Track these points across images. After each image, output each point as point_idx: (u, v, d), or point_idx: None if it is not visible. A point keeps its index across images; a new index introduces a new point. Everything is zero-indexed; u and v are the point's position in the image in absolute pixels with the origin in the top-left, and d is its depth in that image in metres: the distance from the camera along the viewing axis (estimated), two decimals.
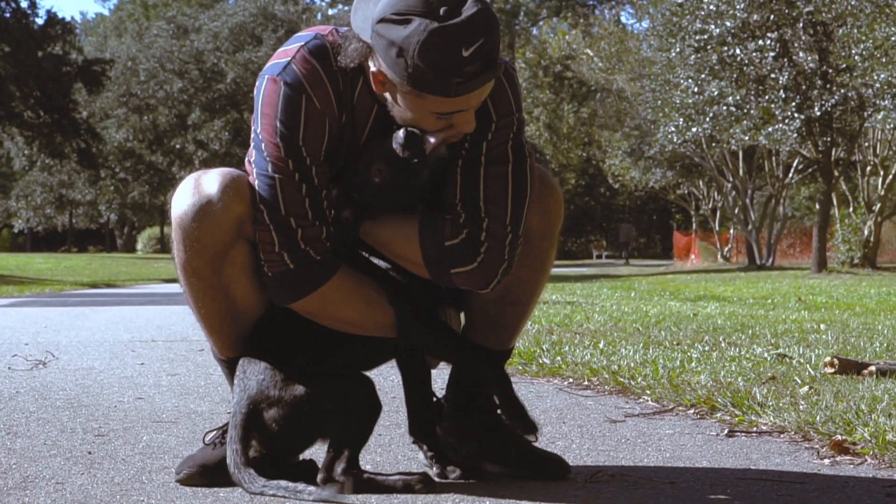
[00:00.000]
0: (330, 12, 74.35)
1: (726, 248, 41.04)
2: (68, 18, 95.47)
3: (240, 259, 2.63)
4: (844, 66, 18.59)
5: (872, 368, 4.59)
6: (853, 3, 17.31)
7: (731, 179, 32.56)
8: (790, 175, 29.93)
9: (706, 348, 5.83)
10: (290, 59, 2.54)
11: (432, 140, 2.51)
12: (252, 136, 2.59)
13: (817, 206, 23.87)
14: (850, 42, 18.13)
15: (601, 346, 5.73)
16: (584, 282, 25.67)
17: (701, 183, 38.24)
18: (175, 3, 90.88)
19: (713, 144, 26.89)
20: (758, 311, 11.76)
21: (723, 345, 6.03)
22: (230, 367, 2.78)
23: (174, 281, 16.46)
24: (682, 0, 22.34)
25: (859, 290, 15.89)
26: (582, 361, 4.89)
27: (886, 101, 18.27)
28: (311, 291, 2.57)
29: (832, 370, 4.62)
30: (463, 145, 2.60)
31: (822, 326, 8.01)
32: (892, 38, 15.97)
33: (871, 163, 24.47)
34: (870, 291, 15.21)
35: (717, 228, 40.27)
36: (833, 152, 22.82)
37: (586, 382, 4.52)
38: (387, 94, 2.52)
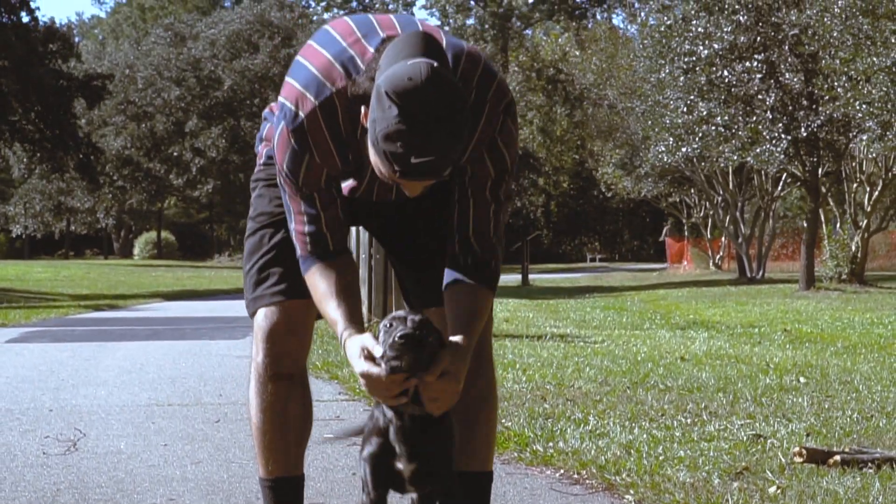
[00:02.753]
0: (325, 16, 74.69)
1: (718, 256, 41.46)
2: (65, 21, 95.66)
3: (301, 378, 3.29)
4: (827, 97, 19.02)
5: (837, 458, 5.02)
6: (835, 34, 17.74)
7: (721, 193, 33.06)
8: (779, 188, 30.41)
9: (688, 420, 6.27)
10: (304, 115, 2.92)
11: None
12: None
13: (804, 224, 24.32)
14: (832, 73, 18.60)
15: (591, 423, 6.16)
16: (577, 297, 26.09)
17: (693, 191, 38.65)
18: (171, 6, 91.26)
19: (702, 164, 27.41)
20: (743, 346, 12.20)
21: (704, 416, 6.46)
22: (271, 489, 3.26)
23: (171, 297, 17.15)
24: (670, 22, 22.80)
25: (844, 316, 16.32)
26: (572, 450, 5.32)
27: (871, 123, 18.69)
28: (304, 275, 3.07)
29: (801, 459, 5.06)
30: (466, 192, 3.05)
31: (802, 379, 8.45)
32: (874, 68, 16.39)
33: (858, 179, 24.92)
34: (854, 319, 15.63)
35: (709, 236, 40.68)
36: (820, 170, 23.28)
37: (576, 476, 4.95)
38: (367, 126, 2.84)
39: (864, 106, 17.04)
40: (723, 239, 40.42)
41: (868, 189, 24.71)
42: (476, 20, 75.40)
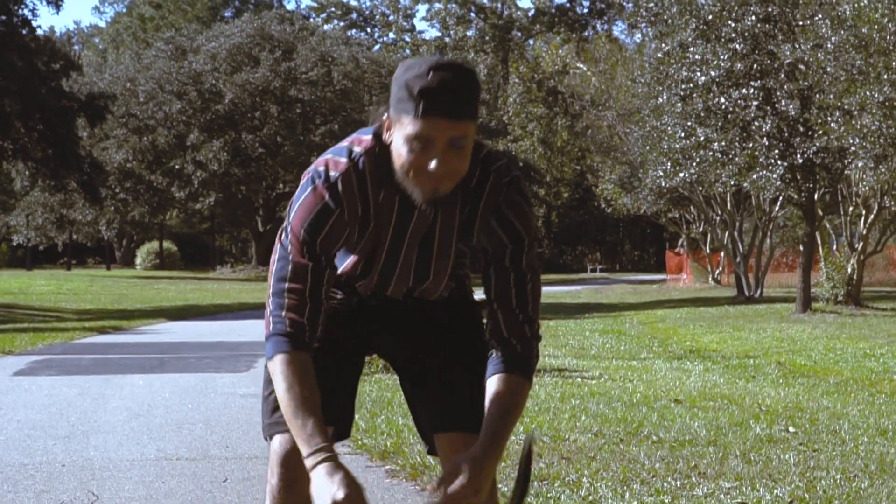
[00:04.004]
0: (325, 28, 74.97)
1: (717, 271, 41.71)
2: (63, 30, 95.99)
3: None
4: (822, 131, 19.23)
5: None
6: (829, 69, 17.98)
7: (719, 213, 33.38)
8: (777, 208, 30.68)
9: (678, 483, 6.53)
10: (338, 172, 3.09)
11: None
12: (286, 216, 3.18)
13: (801, 248, 24.57)
14: (825, 110, 18.88)
15: (584, 486, 6.41)
16: (577, 317, 26.36)
17: (692, 207, 38.93)
18: (171, 16, 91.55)
19: (699, 188, 27.73)
20: (737, 382, 12.47)
21: (693, 477, 6.71)
22: None
23: (175, 315, 17.58)
24: (667, 48, 23.07)
25: (838, 346, 16.56)
26: None
27: (863, 154, 18.92)
28: (270, 357, 3.08)
29: None
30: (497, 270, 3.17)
31: (791, 429, 8.71)
32: (868, 102, 16.60)
33: (854, 202, 25.15)
34: (847, 350, 15.87)
35: (708, 251, 40.92)
36: (816, 194, 23.55)
37: None
38: (391, 140, 3.01)
39: (857, 140, 17.30)
40: (721, 254, 40.66)
41: (864, 212, 24.97)
42: (476, 32, 75.71)
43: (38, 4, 35.71)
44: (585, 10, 76.32)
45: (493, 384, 3.18)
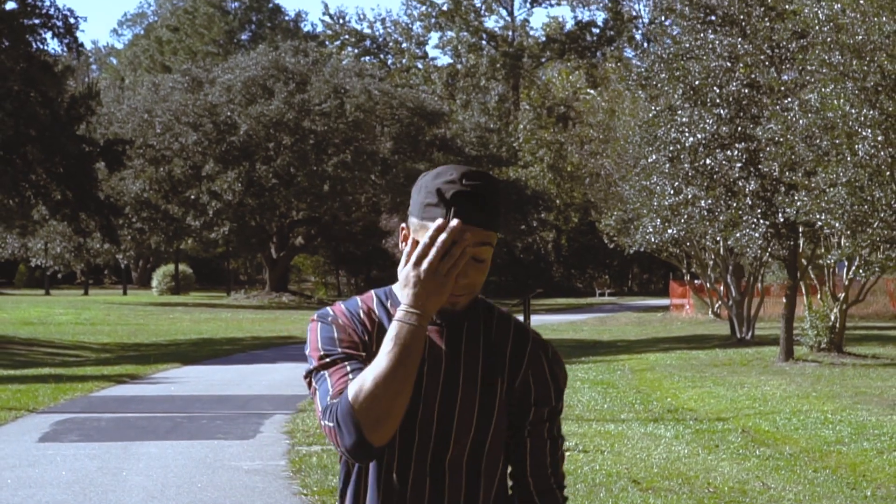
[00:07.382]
0: (341, 55, 76.27)
1: (717, 304, 42.86)
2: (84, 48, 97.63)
3: None
4: (790, 209, 20.32)
5: None
6: (799, 149, 19.13)
7: (712, 258, 34.61)
8: (766, 255, 31.82)
9: None
10: (335, 304, 3.10)
11: None
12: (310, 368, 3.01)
13: (784, 300, 25.72)
14: (794, 190, 20.07)
15: None
16: (574, 361, 27.51)
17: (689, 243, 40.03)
18: (189, 39, 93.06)
19: (687, 243, 28.95)
20: (699, 453, 13.64)
21: None
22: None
23: (190, 356, 19.18)
24: (656, 111, 24.32)
25: (804, 407, 17.68)
26: None
27: (828, 230, 20.02)
28: (347, 398, 2.85)
29: None
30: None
31: None
32: (834, 180, 17.73)
33: (837, 256, 26.26)
34: (811, 413, 16.99)
35: (708, 286, 42.04)
36: (799, 249, 24.72)
37: None
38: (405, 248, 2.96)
39: (822, 216, 18.44)
40: (721, 288, 41.75)
41: (846, 263, 26.10)
42: (487, 59, 77.01)
43: (57, 50, 37.27)
44: (595, 38, 77.59)
45: None
